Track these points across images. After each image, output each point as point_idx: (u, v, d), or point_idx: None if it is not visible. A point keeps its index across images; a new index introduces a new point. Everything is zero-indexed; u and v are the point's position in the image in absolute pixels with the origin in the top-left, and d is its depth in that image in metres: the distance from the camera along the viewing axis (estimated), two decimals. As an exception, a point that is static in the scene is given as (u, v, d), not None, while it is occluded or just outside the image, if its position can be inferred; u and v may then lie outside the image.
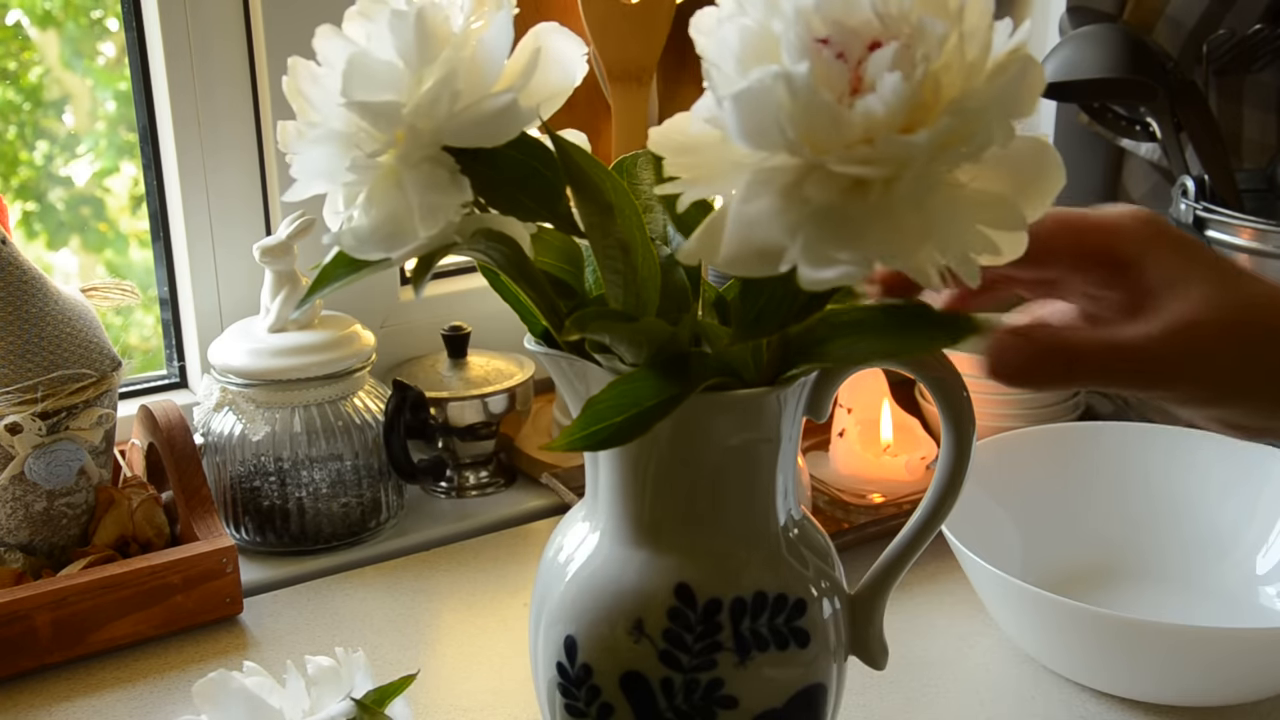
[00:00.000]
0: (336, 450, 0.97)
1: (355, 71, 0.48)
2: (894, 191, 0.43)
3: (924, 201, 0.43)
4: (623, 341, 0.52)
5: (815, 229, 0.43)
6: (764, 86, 0.42)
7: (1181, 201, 1.04)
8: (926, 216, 0.43)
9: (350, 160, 0.49)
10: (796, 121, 0.42)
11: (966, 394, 0.58)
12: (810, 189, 0.43)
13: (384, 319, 1.11)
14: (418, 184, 0.48)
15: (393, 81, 0.48)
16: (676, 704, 0.56)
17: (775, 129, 0.42)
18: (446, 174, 0.49)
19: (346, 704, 0.66)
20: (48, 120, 1.23)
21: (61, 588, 0.83)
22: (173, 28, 1.00)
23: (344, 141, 0.49)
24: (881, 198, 0.43)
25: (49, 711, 0.80)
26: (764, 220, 0.44)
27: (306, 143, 0.50)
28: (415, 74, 0.48)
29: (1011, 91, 0.44)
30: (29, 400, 0.84)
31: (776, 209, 0.43)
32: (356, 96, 0.48)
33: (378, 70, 0.48)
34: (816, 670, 0.58)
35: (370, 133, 0.48)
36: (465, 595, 0.93)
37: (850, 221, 0.43)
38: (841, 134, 0.42)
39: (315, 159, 0.50)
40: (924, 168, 0.42)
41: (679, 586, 0.56)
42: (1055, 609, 0.76)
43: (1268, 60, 1.11)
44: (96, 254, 1.28)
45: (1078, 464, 0.94)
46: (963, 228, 0.44)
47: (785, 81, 0.42)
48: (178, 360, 1.10)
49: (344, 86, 0.48)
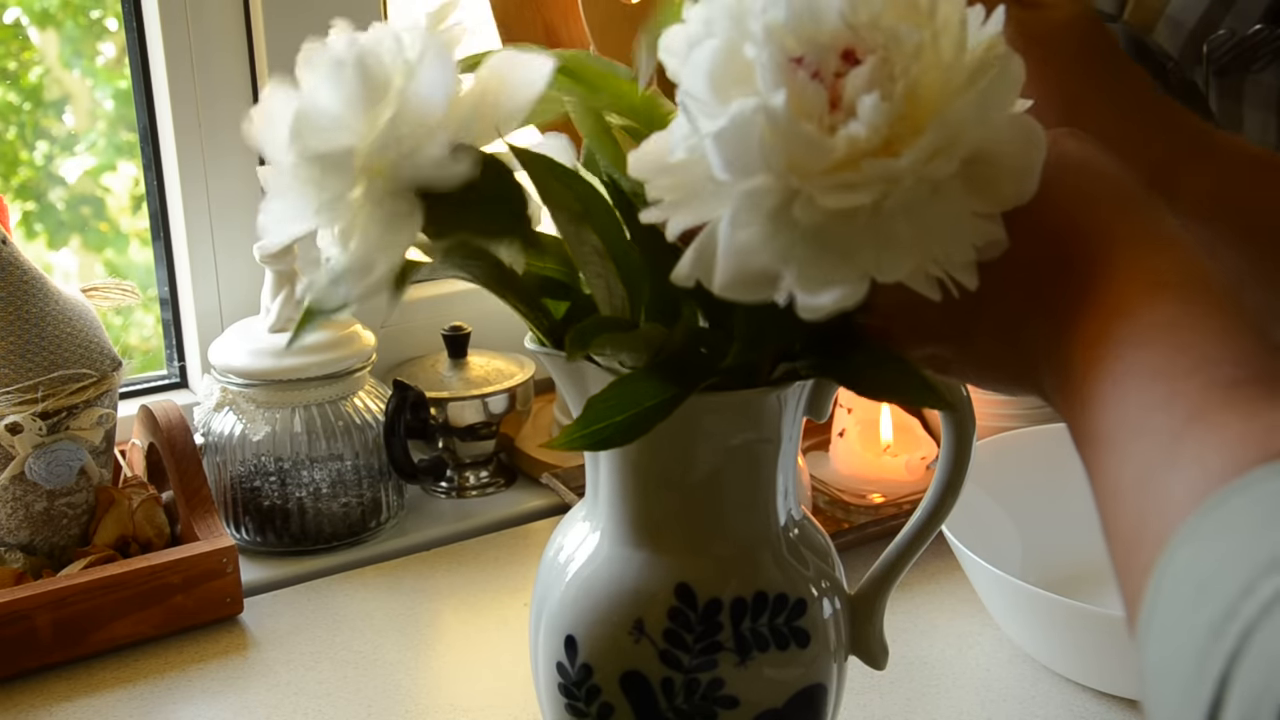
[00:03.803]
0: (337, 450, 0.97)
1: (303, 124, 0.48)
2: (883, 209, 0.43)
3: (914, 212, 0.43)
4: (622, 349, 0.52)
5: (807, 251, 0.43)
6: (744, 120, 0.42)
7: (1181, 201, 1.04)
8: (918, 224, 0.43)
9: (316, 205, 0.49)
10: (779, 152, 0.42)
11: (966, 394, 0.59)
12: (799, 211, 0.43)
13: (384, 319, 1.11)
14: (379, 220, 0.48)
15: (343, 128, 0.48)
16: (677, 704, 0.56)
17: (759, 161, 0.42)
18: (408, 208, 0.48)
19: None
20: (48, 120, 1.23)
21: (62, 588, 0.82)
22: (173, 28, 1.00)
23: (308, 186, 0.49)
24: (871, 216, 0.43)
25: (49, 711, 0.80)
26: (755, 247, 0.43)
27: (272, 195, 0.50)
28: (365, 117, 0.48)
29: (993, 93, 0.44)
30: (29, 400, 0.84)
31: (767, 235, 0.43)
32: (309, 147, 0.47)
33: (324, 120, 0.48)
34: (817, 670, 0.58)
35: (330, 180, 0.48)
36: (465, 595, 0.93)
37: (841, 241, 0.43)
38: (825, 159, 0.42)
39: (282, 208, 0.50)
40: (911, 185, 0.42)
41: (679, 586, 0.56)
42: (1055, 609, 0.76)
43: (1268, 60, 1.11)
44: (96, 254, 1.28)
45: (1078, 464, 0.94)
46: (955, 223, 0.44)
47: (765, 114, 0.42)
48: (178, 360, 1.10)
49: (292, 139, 0.48)
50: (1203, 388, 0.38)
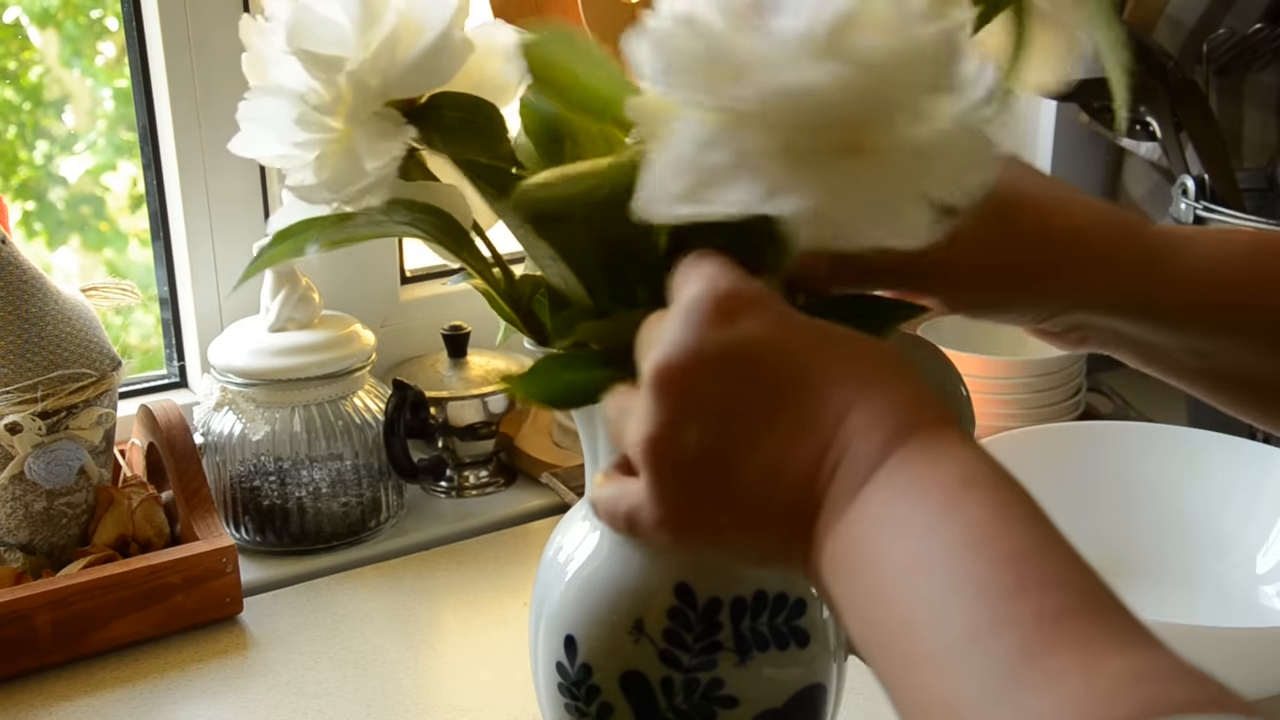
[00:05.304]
0: (336, 450, 0.97)
1: (301, 25, 0.50)
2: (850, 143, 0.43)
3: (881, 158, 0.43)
4: (600, 337, 0.53)
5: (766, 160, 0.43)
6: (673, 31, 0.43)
7: (1181, 201, 1.04)
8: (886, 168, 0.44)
9: (298, 113, 0.50)
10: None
11: (966, 393, 0.59)
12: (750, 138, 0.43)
13: (384, 319, 1.11)
14: (366, 135, 0.50)
15: (338, 40, 0.50)
16: (676, 704, 0.56)
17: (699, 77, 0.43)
18: (391, 125, 0.51)
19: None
20: (47, 120, 1.23)
21: (61, 588, 0.82)
22: (173, 27, 0.99)
23: (292, 97, 0.51)
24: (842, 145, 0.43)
25: (49, 711, 0.80)
26: (709, 152, 0.44)
27: (256, 94, 0.52)
28: (360, 36, 0.50)
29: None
30: (29, 400, 0.84)
31: (719, 141, 0.44)
32: (303, 45, 0.50)
33: (322, 28, 0.50)
34: (816, 670, 0.58)
35: (317, 88, 0.50)
36: (465, 595, 0.93)
37: (806, 154, 0.43)
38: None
39: (263, 109, 0.52)
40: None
41: (679, 586, 0.56)
42: (1055, 609, 0.76)
43: (1268, 60, 1.11)
44: (96, 253, 1.28)
45: (1078, 464, 0.94)
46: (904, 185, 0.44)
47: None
48: (178, 360, 1.10)
49: (289, 36, 0.50)
50: (1035, 620, 0.36)
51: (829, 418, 0.43)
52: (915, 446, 0.41)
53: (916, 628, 0.38)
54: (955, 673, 0.36)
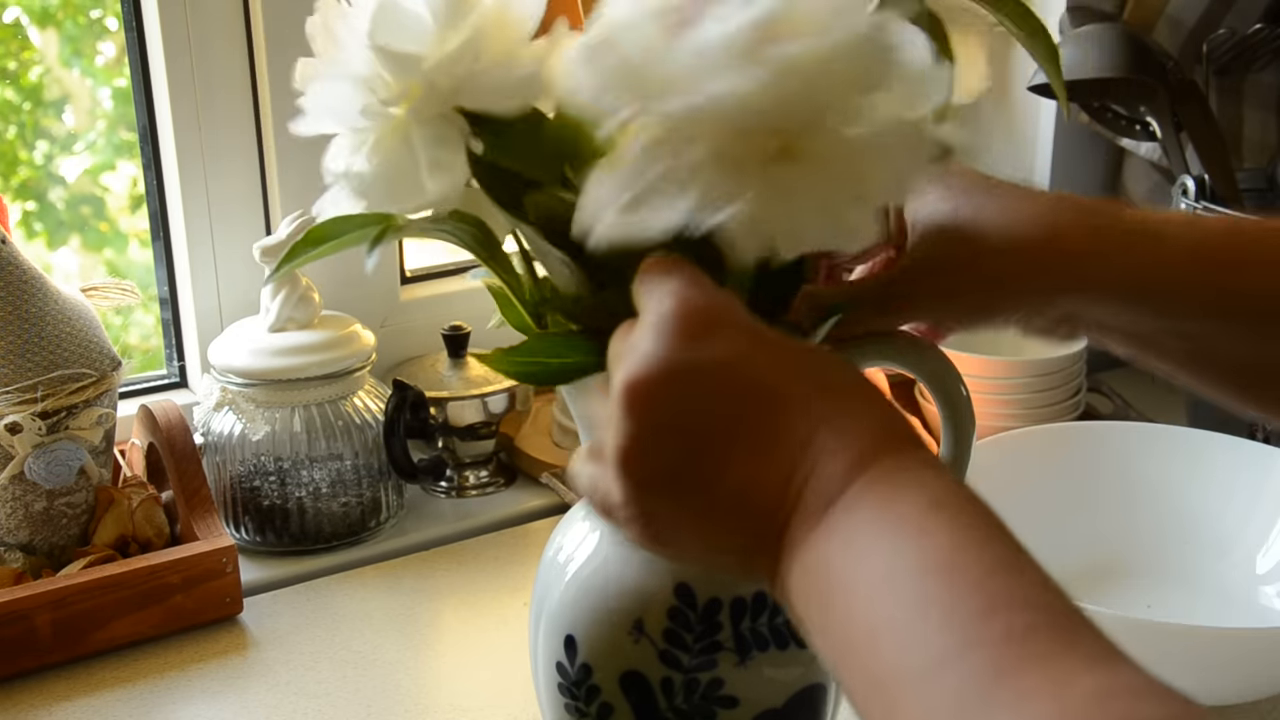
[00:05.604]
0: (336, 450, 0.97)
1: (384, 16, 0.48)
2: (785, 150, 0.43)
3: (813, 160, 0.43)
4: (585, 316, 0.53)
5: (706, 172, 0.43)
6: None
7: (1182, 201, 1.04)
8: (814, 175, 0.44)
9: (363, 105, 0.49)
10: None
11: (966, 393, 0.58)
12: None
13: (384, 319, 1.11)
14: (427, 139, 0.49)
15: (419, 34, 0.49)
16: (676, 704, 0.56)
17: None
18: (456, 134, 0.49)
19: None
20: (47, 120, 1.23)
21: (61, 588, 0.82)
22: (173, 27, 0.99)
23: (360, 84, 0.50)
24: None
25: (49, 711, 0.80)
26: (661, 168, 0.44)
27: (325, 78, 0.50)
28: (441, 31, 0.49)
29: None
30: (29, 400, 0.84)
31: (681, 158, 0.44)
32: (381, 41, 0.48)
33: (406, 20, 0.49)
34: (817, 670, 0.58)
35: (387, 80, 0.49)
36: (465, 595, 0.93)
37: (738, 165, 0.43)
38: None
39: (330, 94, 0.50)
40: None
41: (679, 586, 0.56)
42: (1055, 609, 0.76)
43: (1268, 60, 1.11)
44: (96, 253, 1.28)
45: (1078, 464, 0.94)
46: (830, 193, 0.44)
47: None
48: (178, 360, 1.09)
49: (371, 29, 0.48)
50: (1004, 640, 0.36)
51: (797, 438, 0.43)
52: (882, 469, 0.41)
53: (885, 650, 0.38)
54: (926, 694, 0.36)
